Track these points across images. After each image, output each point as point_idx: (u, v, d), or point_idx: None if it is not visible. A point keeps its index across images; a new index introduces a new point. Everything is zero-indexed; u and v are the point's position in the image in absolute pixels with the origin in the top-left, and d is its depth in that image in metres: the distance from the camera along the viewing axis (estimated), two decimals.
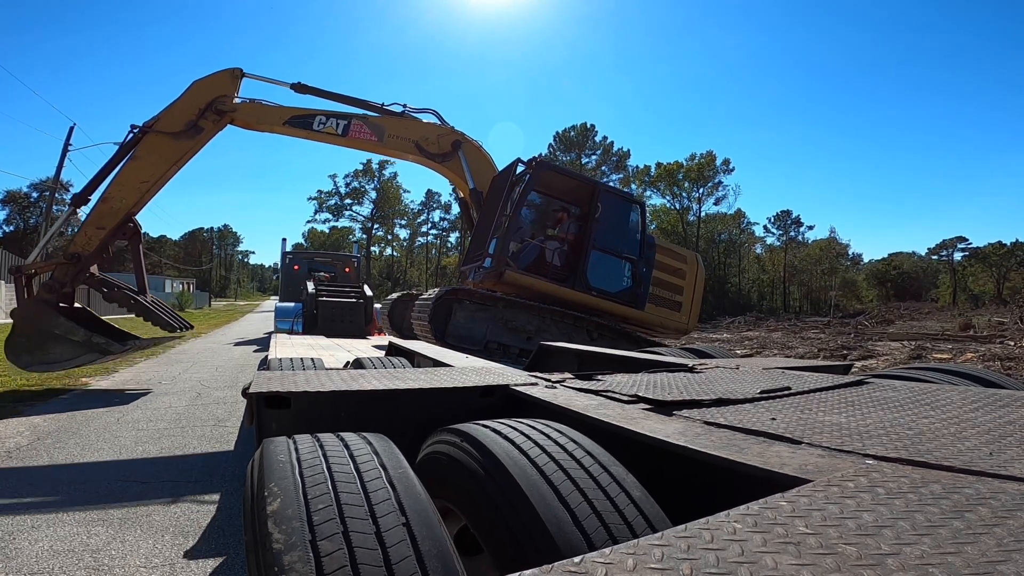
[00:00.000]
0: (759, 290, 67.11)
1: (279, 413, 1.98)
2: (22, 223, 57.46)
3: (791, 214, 67.36)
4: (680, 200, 60.83)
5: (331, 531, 1.05)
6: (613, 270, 8.01)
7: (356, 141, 8.65)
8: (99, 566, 2.68)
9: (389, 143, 8.73)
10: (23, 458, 4.40)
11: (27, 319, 7.27)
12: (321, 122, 8.43)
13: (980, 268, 61.90)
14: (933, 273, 68.68)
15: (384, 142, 8.70)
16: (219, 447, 4.86)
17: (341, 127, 8.50)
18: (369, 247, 68.64)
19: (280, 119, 8.32)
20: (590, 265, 7.71)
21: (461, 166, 8.90)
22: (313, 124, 8.39)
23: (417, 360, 4.67)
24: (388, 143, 8.73)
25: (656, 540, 0.85)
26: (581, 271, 7.68)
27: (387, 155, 9.24)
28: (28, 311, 7.33)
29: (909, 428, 1.60)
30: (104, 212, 7.63)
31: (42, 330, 7.21)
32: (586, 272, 7.68)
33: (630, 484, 1.33)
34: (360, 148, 8.95)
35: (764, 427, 1.60)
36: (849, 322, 28.80)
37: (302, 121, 8.35)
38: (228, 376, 9.24)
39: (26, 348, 7.20)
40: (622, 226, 8.09)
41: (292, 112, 8.36)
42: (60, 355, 7.28)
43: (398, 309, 10.65)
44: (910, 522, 0.89)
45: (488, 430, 1.51)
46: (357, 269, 18.98)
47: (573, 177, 9.28)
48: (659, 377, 2.70)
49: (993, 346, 14.11)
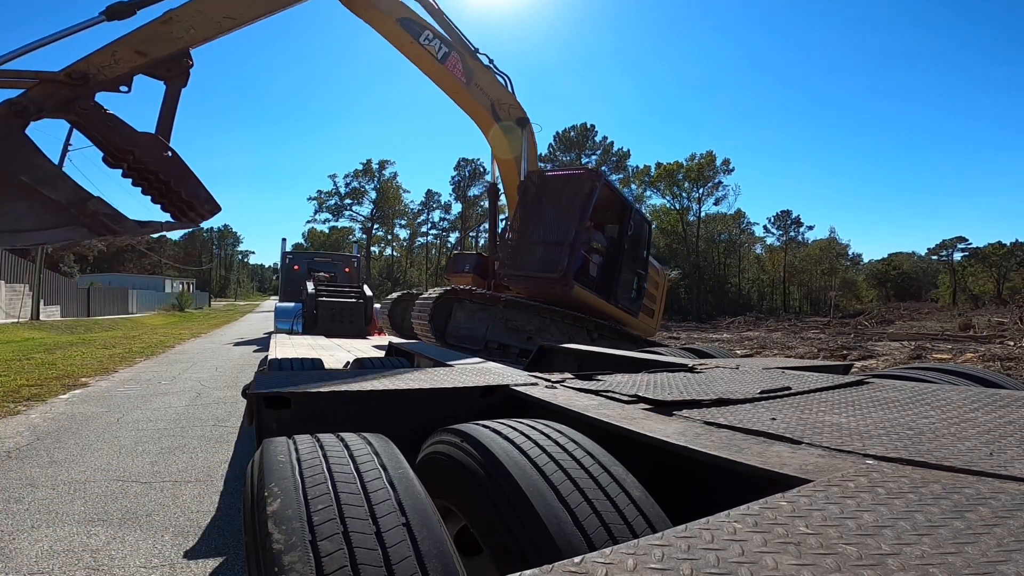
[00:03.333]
0: (759, 290, 67.13)
1: (279, 413, 1.98)
2: None
3: (791, 214, 67.46)
4: (680, 200, 60.86)
5: (331, 531, 1.05)
6: (631, 283, 8.54)
7: (447, 75, 7.92)
8: (99, 566, 2.68)
9: (472, 91, 8.15)
10: (23, 458, 4.40)
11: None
12: (428, 38, 7.59)
13: (980, 268, 61.92)
14: (933, 273, 68.71)
15: (468, 88, 8.09)
16: (219, 447, 4.86)
17: (442, 52, 7.77)
18: (369, 247, 68.60)
19: (397, 12, 7.39)
20: (621, 280, 8.12)
21: (520, 145, 8.59)
22: (421, 36, 7.57)
23: (417, 360, 4.67)
24: (471, 91, 8.14)
25: (656, 540, 0.85)
26: (614, 285, 7.99)
27: (461, 103, 8.34)
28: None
29: (909, 428, 1.60)
30: (157, 35, 5.24)
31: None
32: (618, 286, 8.06)
33: (630, 484, 1.33)
34: (444, 83, 8.18)
35: (764, 427, 1.60)
36: (849, 322, 28.81)
37: (414, 27, 7.53)
38: (228, 376, 9.24)
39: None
40: (641, 243, 8.66)
41: (410, 13, 7.46)
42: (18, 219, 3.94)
43: (398, 309, 10.65)
44: (910, 522, 0.89)
45: (488, 430, 1.51)
46: (357, 269, 18.98)
47: (617, 194, 9.11)
48: (659, 377, 2.70)
49: (993, 346, 14.11)
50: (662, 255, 56.31)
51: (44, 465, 4.24)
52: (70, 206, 4.01)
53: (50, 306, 26.06)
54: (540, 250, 7.76)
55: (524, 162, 8.64)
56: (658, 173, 60.99)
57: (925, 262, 70.18)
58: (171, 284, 58.45)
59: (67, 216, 4.07)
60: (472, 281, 8.82)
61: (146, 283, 54.15)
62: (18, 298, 23.38)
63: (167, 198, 4.65)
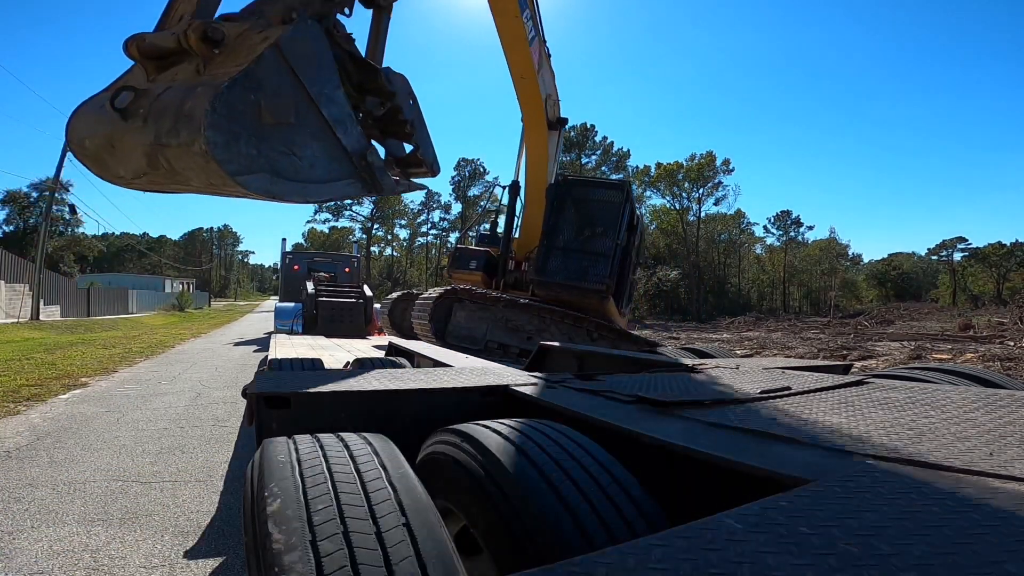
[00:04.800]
0: (759, 290, 67.10)
1: (279, 413, 1.98)
2: (22, 223, 57.41)
3: (791, 214, 67.36)
4: (680, 200, 60.80)
5: (331, 531, 1.05)
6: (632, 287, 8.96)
7: (528, 58, 7.56)
8: (99, 566, 2.68)
9: (540, 76, 7.95)
10: (23, 458, 4.40)
11: (273, 71, 2.54)
12: (529, 15, 7.28)
13: (980, 268, 61.89)
14: (933, 273, 68.68)
15: (538, 73, 7.89)
16: (219, 447, 4.86)
17: (532, 34, 7.44)
18: (369, 247, 68.59)
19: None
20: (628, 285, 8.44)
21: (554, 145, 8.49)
22: (524, 13, 7.19)
23: (417, 360, 4.67)
24: (539, 75, 7.93)
25: (656, 540, 0.84)
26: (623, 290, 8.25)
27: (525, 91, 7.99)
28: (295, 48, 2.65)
29: (909, 428, 1.59)
30: None
31: (298, 102, 2.66)
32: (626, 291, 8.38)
33: (630, 484, 1.33)
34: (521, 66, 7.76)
35: (764, 427, 1.60)
36: (849, 322, 28.80)
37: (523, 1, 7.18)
38: (228, 376, 9.24)
39: (252, 132, 2.47)
40: (642, 249, 9.17)
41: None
42: (312, 165, 2.78)
43: (398, 309, 10.65)
44: (911, 522, 0.88)
45: (488, 430, 1.51)
46: (357, 269, 18.98)
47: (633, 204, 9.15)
48: (659, 377, 2.70)
49: (993, 346, 14.11)
50: (662, 255, 56.35)
51: (44, 465, 4.24)
52: (353, 154, 3.13)
53: (50, 306, 26.04)
54: (577, 258, 7.85)
55: (555, 164, 8.68)
56: (658, 173, 60.92)
57: (925, 262, 70.16)
58: (171, 284, 58.41)
59: (349, 167, 3.14)
60: (481, 280, 8.78)
61: (146, 283, 54.12)
62: (18, 298, 23.38)
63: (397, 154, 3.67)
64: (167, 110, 2.38)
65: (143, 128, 2.44)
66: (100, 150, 2.74)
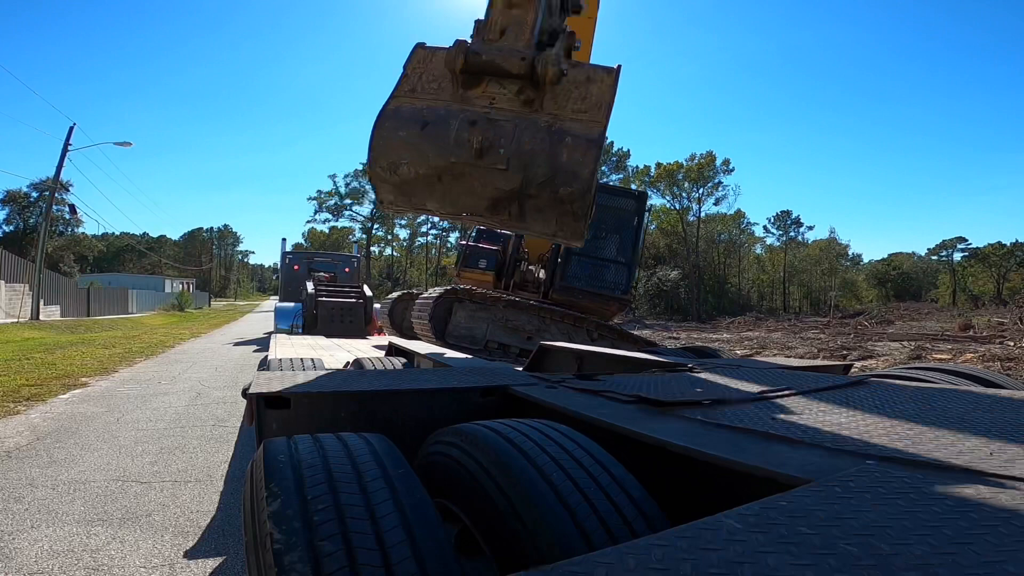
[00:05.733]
0: (759, 290, 67.08)
1: (279, 413, 1.98)
2: (22, 223, 57.42)
3: (791, 214, 67.36)
4: (680, 200, 60.78)
5: (331, 531, 1.05)
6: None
7: None
8: (99, 566, 2.68)
9: None
10: (23, 458, 4.40)
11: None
12: None
13: (980, 268, 61.93)
14: (933, 273, 68.67)
15: None
16: (219, 447, 4.86)
17: None
18: (369, 247, 68.56)
19: None
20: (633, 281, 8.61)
21: None
22: None
23: (417, 360, 4.67)
24: None
25: (656, 540, 0.84)
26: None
27: None
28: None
29: (909, 428, 1.59)
30: None
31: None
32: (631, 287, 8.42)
33: (630, 484, 1.33)
34: None
35: (764, 427, 1.60)
36: (849, 322, 28.78)
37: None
38: (228, 376, 9.24)
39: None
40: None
41: None
42: None
43: (398, 309, 10.64)
44: (911, 522, 0.88)
45: (488, 430, 1.50)
46: (357, 269, 18.97)
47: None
48: (659, 377, 2.70)
49: (993, 346, 14.10)
50: (662, 255, 56.33)
51: (44, 465, 4.24)
52: None
53: (50, 306, 26.04)
54: (598, 265, 7.97)
55: None
56: (658, 173, 60.91)
57: (925, 262, 70.14)
58: (171, 284, 58.42)
59: None
60: (491, 281, 8.75)
61: (146, 283, 54.14)
62: (18, 298, 23.37)
63: None
64: (535, 158, 2.25)
65: (506, 174, 2.24)
66: (419, 180, 2.49)
